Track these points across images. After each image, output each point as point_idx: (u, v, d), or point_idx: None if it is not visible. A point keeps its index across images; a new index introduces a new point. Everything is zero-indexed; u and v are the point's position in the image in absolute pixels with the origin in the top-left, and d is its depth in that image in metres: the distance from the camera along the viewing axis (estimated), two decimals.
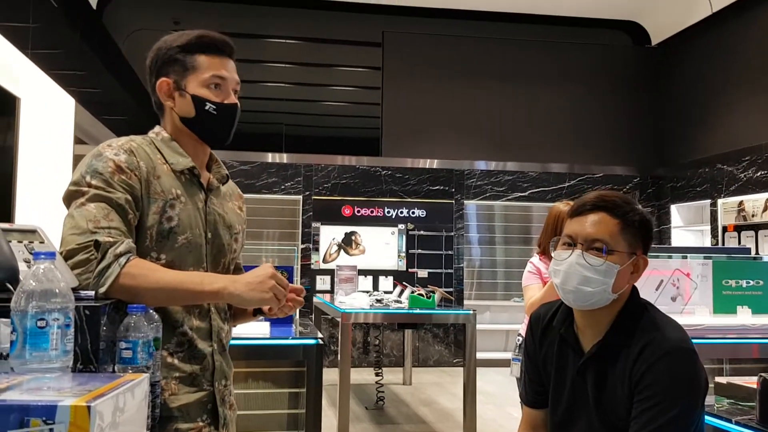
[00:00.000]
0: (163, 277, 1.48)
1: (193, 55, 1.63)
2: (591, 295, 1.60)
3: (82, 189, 1.51)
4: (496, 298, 9.26)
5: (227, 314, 1.72)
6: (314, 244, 8.67)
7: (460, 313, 5.78)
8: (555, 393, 1.72)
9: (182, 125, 1.66)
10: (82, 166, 1.54)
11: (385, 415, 6.06)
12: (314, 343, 3.46)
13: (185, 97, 1.63)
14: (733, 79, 7.79)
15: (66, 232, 1.47)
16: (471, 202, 9.10)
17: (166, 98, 1.65)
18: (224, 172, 1.76)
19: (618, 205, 1.64)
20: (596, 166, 9.16)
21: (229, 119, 1.66)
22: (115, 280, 1.42)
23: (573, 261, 1.62)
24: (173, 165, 1.61)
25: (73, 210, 1.50)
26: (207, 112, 1.62)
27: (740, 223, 7.55)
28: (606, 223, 1.62)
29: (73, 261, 1.43)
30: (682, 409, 1.50)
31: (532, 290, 3.27)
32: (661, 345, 1.55)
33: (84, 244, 1.44)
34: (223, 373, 1.67)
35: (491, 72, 9.05)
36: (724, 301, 3.81)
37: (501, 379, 7.43)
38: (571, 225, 1.66)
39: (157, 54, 1.66)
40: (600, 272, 1.59)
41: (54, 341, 1.11)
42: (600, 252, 1.60)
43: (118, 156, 1.53)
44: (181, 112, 1.64)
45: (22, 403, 0.88)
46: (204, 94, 1.62)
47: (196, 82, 1.62)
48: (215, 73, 1.63)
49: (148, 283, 1.45)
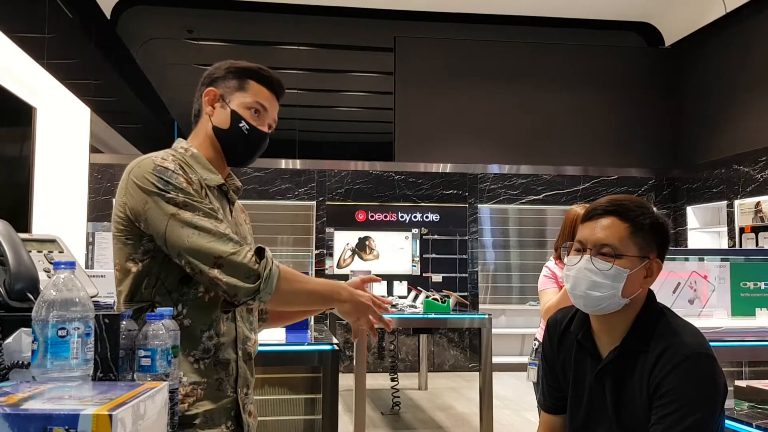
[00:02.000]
0: (308, 282, 1.64)
1: (247, 79, 1.72)
2: (600, 300, 1.60)
3: (176, 199, 1.53)
4: (511, 302, 9.23)
5: (254, 324, 1.74)
6: (328, 250, 8.68)
7: (475, 318, 5.77)
8: (573, 399, 1.71)
9: (213, 135, 1.71)
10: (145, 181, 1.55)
11: (401, 421, 6.05)
12: (330, 348, 3.46)
13: (226, 109, 1.70)
14: (748, 79, 7.73)
15: (197, 241, 1.51)
16: (485, 205, 9.08)
17: (207, 105, 1.72)
18: (238, 184, 1.80)
19: (628, 209, 1.63)
20: (611, 168, 9.11)
21: (256, 144, 1.73)
22: (277, 284, 1.52)
23: (582, 266, 1.62)
24: (206, 181, 1.66)
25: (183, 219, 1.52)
26: (239, 129, 1.69)
27: (758, 224, 7.48)
28: (615, 228, 1.62)
29: (234, 266, 1.49)
30: (702, 415, 1.49)
31: (547, 294, 3.26)
32: (680, 350, 1.54)
33: (237, 250, 1.51)
34: (246, 381, 1.69)
35: (503, 75, 9.04)
36: (742, 303, 3.77)
37: (517, 383, 7.40)
38: (582, 230, 1.66)
39: (216, 68, 1.75)
40: (609, 277, 1.59)
41: (75, 350, 1.12)
42: (608, 257, 1.60)
43: (178, 170, 1.58)
44: (217, 122, 1.71)
45: (44, 413, 0.88)
46: (243, 113, 1.70)
47: (239, 101, 1.70)
48: (259, 101, 1.72)
49: (300, 289, 1.61)
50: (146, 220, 1.54)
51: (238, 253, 1.51)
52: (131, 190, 1.56)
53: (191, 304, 1.58)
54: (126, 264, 1.60)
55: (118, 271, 1.62)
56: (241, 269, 1.50)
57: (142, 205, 1.54)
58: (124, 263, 1.60)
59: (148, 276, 1.58)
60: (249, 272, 1.51)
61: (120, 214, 1.59)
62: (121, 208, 1.59)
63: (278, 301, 1.59)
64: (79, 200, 5.70)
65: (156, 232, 1.54)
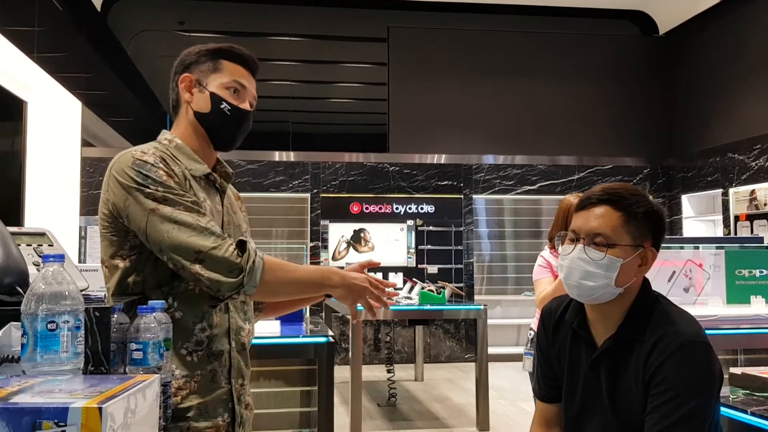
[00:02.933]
0: (295, 271, 1.61)
1: (220, 59, 1.69)
2: (593, 289, 1.60)
3: (155, 194, 1.51)
4: (507, 293, 9.24)
5: (249, 314, 1.73)
6: (323, 242, 8.68)
7: (470, 309, 5.78)
8: (568, 388, 1.71)
9: (195, 121, 1.68)
10: (124, 176, 1.53)
11: (398, 412, 6.06)
12: (325, 341, 3.46)
13: (204, 93, 1.67)
14: (742, 67, 7.73)
15: (177, 236, 1.49)
16: (480, 196, 9.08)
17: (184, 92, 1.69)
18: (229, 171, 1.77)
19: (622, 197, 1.62)
20: (605, 157, 9.12)
21: (240, 123, 1.69)
22: (261, 276, 1.50)
23: (575, 256, 1.62)
24: (191, 171, 1.64)
25: (163, 214, 1.50)
26: (221, 111, 1.66)
27: (752, 212, 7.50)
28: (609, 217, 1.61)
29: (215, 261, 1.48)
30: (698, 403, 1.49)
31: (543, 284, 3.26)
32: (675, 339, 1.53)
33: (219, 244, 1.49)
34: (240, 372, 1.68)
35: (497, 65, 9.02)
36: (737, 291, 3.78)
37: (513, 373, 7.42)
38: (576, 219, 1.66)
39: (186, 55, 1.72)
40: (602, 266, 1.58)
41: (64, 343, 1.11)
42: (601, 246, 1.59)
43: (158, 164, 1.55)
44: (197, 107, 1.68)
45: (34, 406, 0.88)
46: (222, 94, 1.67)
47: (217, 82, 1.68)
48: (237, 79, 1.69)
49: (287, 278, 1.58)
50: (127, 216, 1.52)
51: (219, 248, 1.49)
52: (112, 186, 1.55)
53: (182, 296, 1.56)
54: (113, 260, 1.58)
55: (106, 268, 1.60)
56: (223, 264, 1.48)
57: (122, 201, 1.52)
58: (112, 260, 1.58)
59: (135, 271, 1.56)
60: (231, 266, 1.49)
61: (105, 211, 1.57)
62: (105, 204, 1.57)
63: (265, 293, 1.57)
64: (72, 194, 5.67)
65: (137, 228, 1.52)
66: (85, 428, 0.87)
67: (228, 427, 1.62)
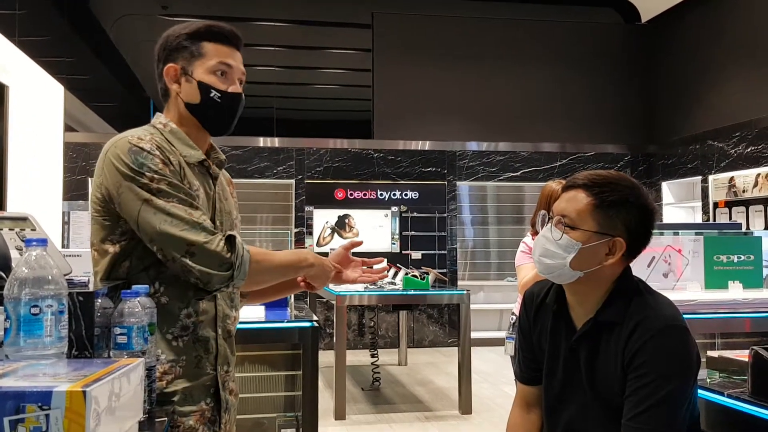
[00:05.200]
0: (275, 256, 1.65)
1: (201, 42, 1.65)
2: (550, 267, 1.64)
3: (150, 185, 1.51)
4: (490, 278, 9.29)
5: (235, 301, 1.74)
6: (308, 228, 8.67)
7: (454, 294, 5.82)
8: (549, 370, 1.73)
9: (186, 112, 1.66)
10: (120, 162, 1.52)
11: (382, 396, 6.10)
12: (310, 325, 3.47)
13: (191, 82, 1.64)
14: (723, 56, 7.79)
15: (169, 229, 1.49)
16: (463, 183, 9.10)
17: (172, 83, 1.66)
18: (222, 158, 1.77)
19: (597, 184, 1.62)
20: (587, 144, 9.17)
21: (232, 108, 1.68)
22: (249, 267, 1.53)
23: (542, 234, 1.67)
24: (186, 158, 1.63)
25: (156, 206, 1.50)
26: (212, 99, 1.64)
27: (731, 198, 7.58)
28: (578, 201, 1.62)
29: (206, 255, 1.49)
30: (676, 387, 1.52)
31: (525, 269, 3.28)
32: (654, 323, 1.55)
33: (210, 239, 1.50)
34: (226, 358, 1.69)
35: (482, 52, 9.02)
36: (715, 276, 3.83)
37: (495, 357, 7.48)
38: (558, 202, 1.69)
39: (166, 41, 1.68)
40: (560, 246, 1.61)
41: (48, 328, 1.11)
42: (561, 226, 1.62)
43: (154, 151, 1.54)
44: (187, 98, 1.65)
45: (17, 390, 0.88)
46: (210, 80, 1.64)
47: (202, 68, 1.64)
48: (222, 60, 1.65)
49: (270, 266, 1.62)
50: (120, 204, 1.52)
51: (210, 242, 1.50)
52: (107, 171, 1.54)
53: (168, 281, 1.57)
54: (103, 245, 1.58)
55: (95, 251, 1.60)
56: (215, 258, 1.50)
57: (116, 188, 1.52)
58: (102, 244, 1.58)
59: (125, 256, 1.57)
60: (222, 261, 1.50)
61: (98, 195, 1.57)
62: (99, 188, 1.56)
63: (251, 282, 1.60)
64: (54, 180, 5.62)
65: (129, 216, 1.52)
66: (69, 411, 0.87)
67: (213, 411, 1.63)
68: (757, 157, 7.17)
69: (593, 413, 1.64)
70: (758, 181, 7.19)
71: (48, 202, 5.16)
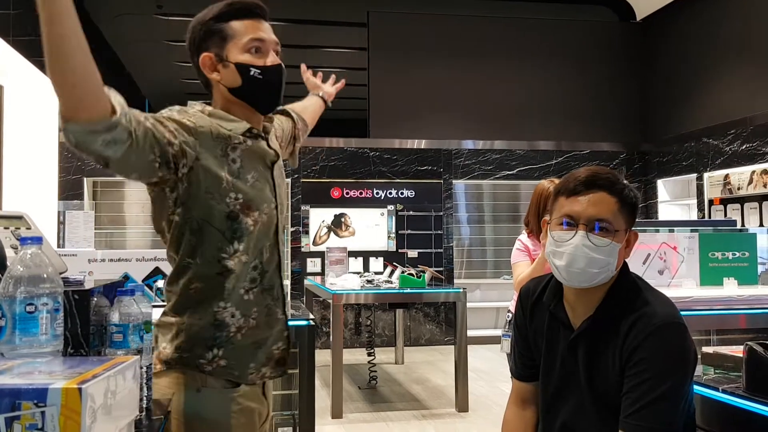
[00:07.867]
0: None
1: (228, 23, 1.61)
2: (597, 275, 1.60)
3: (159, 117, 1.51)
4: (486, 276, 9.30)
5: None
6: (304, 227, 8.67)
7: (450, 292, 5.82)
8: (546, 368, 1.74)
9: (232, 97, 1.64)
10: None
11: (378, 395, 6.10)
12: (306, 324, 3.47)
13: (228, 66, 1.61)
14: (718, 53, 7.80)
15: None
16: (459, 181, 9.11)
17: (210, 72, 1.63)
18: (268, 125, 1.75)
19: (614, 183, 1.63)
20: (583, 142, 9.18)
21: (275, 81, 1.65)
22: None
23: (578, 243, 1.59)
24: (233, 131, 1.60)
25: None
26: (253, 77, 1.61)
27: (726, 196, 7.60)
28: (607, 203, 1.61)
29: None
30: (673, 384, 1.52)
31: (520, 267, 3.29)
32: (652, 320, 1.56)
33: None
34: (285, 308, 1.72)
35: (477, 50, 9.02)
36: (710, 273, 3.85)
37: (492, 355, 7.49)
38: (571, 205, 1.63)
39: (193, 32, 1.65)
40: (605, 252, 1.59)
41: (43, 326, 1.11)
42: (605, 232, 1.60)
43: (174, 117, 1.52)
44: (228, 83, 1.63)
45: (13, 387, 0.88)
46: (246, 59, 1.61)
47: (236, 49, 1.61)
48: (253, 36, 1.61)
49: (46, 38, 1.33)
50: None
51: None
52: None
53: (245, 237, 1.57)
54: (163, 224, 1.57)
55: (161, 234, 1.60)
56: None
57: None
58: (162, 224, 1.57)
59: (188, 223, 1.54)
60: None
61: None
62: None
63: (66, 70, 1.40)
64: (50, 179, 5.61)
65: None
66: (65, 409, 0.88)
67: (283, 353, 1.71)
68: (752, 155, 7.19)
69: (590, 411, 1.64)
70: (753, 179, 7.21)
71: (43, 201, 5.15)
